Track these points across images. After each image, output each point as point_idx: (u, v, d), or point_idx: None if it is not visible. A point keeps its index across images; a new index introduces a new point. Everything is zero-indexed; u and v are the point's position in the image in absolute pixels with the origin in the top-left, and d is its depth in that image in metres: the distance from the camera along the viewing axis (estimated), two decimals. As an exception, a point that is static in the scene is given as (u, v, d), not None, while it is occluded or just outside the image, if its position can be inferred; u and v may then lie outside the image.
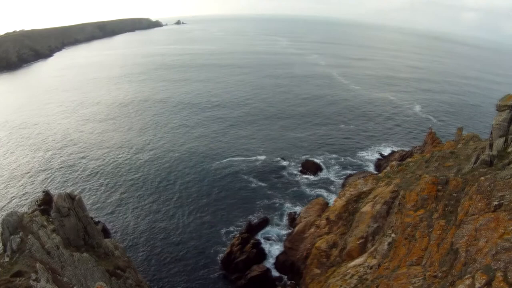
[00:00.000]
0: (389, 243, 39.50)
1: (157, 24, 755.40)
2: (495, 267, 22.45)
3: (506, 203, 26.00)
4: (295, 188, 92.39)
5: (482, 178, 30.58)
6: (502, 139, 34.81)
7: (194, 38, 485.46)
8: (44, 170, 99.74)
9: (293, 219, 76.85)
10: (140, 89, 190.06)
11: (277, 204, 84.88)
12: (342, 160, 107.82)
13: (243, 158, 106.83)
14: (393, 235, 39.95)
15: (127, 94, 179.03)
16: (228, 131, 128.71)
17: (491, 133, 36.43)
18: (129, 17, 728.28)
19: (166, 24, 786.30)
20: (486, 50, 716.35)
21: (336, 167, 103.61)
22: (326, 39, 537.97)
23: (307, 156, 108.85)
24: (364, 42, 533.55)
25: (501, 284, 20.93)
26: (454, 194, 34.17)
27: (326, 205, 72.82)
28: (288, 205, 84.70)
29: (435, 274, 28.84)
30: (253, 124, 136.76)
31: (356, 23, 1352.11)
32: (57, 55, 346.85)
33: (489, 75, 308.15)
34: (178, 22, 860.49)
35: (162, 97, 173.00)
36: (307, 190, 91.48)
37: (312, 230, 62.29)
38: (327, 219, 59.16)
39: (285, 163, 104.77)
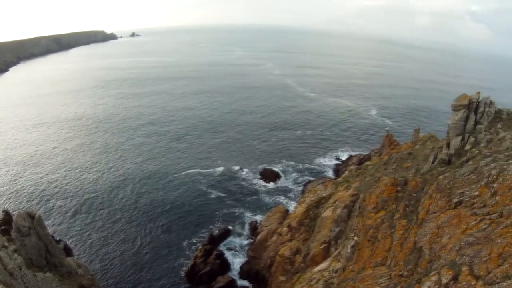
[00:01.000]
0: (353, 246, 39.60)
1: (112, 37, 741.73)
2: (460, 261, 22.73)
3: (466, 199, 26.53)
4: (254, 197, 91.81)
5: (441, 176, 31.23)
6: (459, 138, 35.99)
7: (149, 51, 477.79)
8: (3, 188, 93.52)
9: (254, 228, 76.14)
10: (98, 103, 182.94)
11: (238, 214, 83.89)
12: (300, 166, 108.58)
13: (200, 170, 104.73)
14: (355, 238, 40.08)
15: (86, 109, 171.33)
16: (184, 143, 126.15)
17: (448, 132, 37.53)
18: (84, 29, 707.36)
19: (121, 37, 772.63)
20: (441, 52, 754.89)
21: (295, 174, 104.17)
22: (282, 48, 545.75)
23: (265, 165, 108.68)
24: (320, 50, 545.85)
25: (468, 277, 21.14)
26: (414, 194, 34.75)
27: (286, 212, 72.68)
28: (248, 214, 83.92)
29: (401, 273, 28.98)
30: (209, 135, 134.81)
31: (313, 31, 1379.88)
32: (13, 70, 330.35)
33: (444, 76, 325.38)
34: (133, 35, 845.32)
35: (118, 111, 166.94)
36: (267, 199, 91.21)
37: (274, 238, 61.84)
38: (289, 226, 58.92)
39: (243, 172, 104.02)
